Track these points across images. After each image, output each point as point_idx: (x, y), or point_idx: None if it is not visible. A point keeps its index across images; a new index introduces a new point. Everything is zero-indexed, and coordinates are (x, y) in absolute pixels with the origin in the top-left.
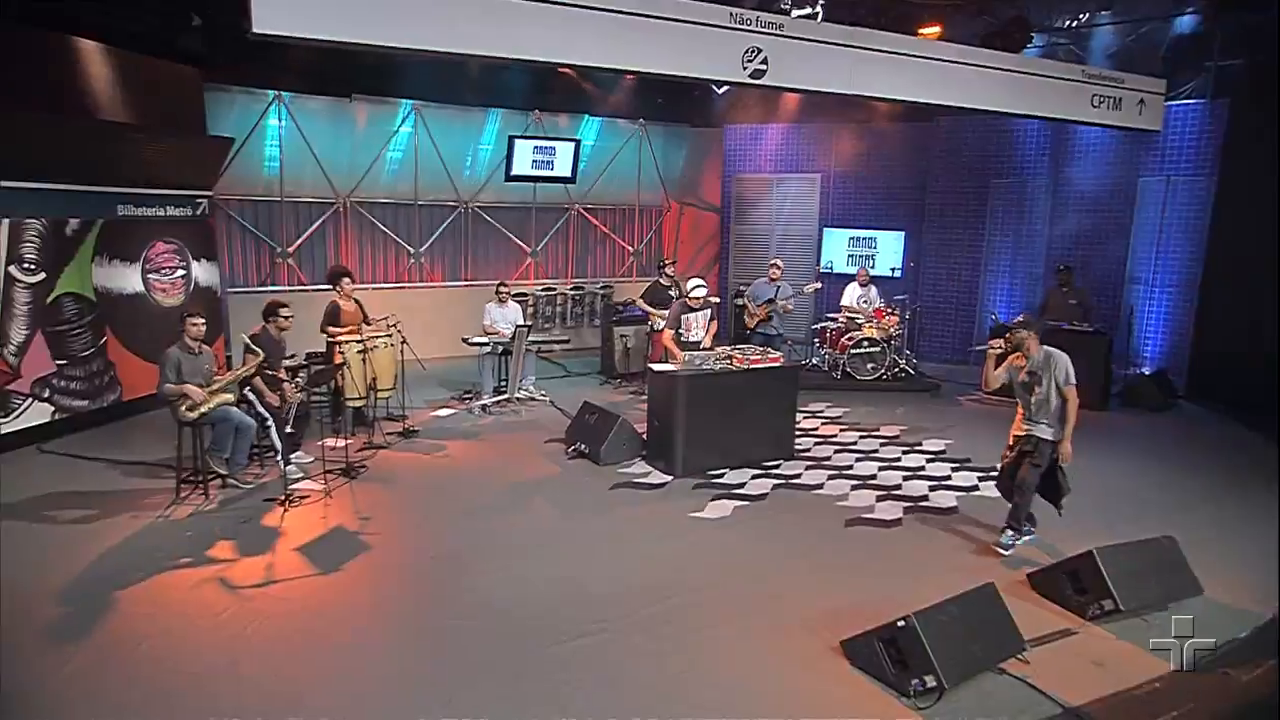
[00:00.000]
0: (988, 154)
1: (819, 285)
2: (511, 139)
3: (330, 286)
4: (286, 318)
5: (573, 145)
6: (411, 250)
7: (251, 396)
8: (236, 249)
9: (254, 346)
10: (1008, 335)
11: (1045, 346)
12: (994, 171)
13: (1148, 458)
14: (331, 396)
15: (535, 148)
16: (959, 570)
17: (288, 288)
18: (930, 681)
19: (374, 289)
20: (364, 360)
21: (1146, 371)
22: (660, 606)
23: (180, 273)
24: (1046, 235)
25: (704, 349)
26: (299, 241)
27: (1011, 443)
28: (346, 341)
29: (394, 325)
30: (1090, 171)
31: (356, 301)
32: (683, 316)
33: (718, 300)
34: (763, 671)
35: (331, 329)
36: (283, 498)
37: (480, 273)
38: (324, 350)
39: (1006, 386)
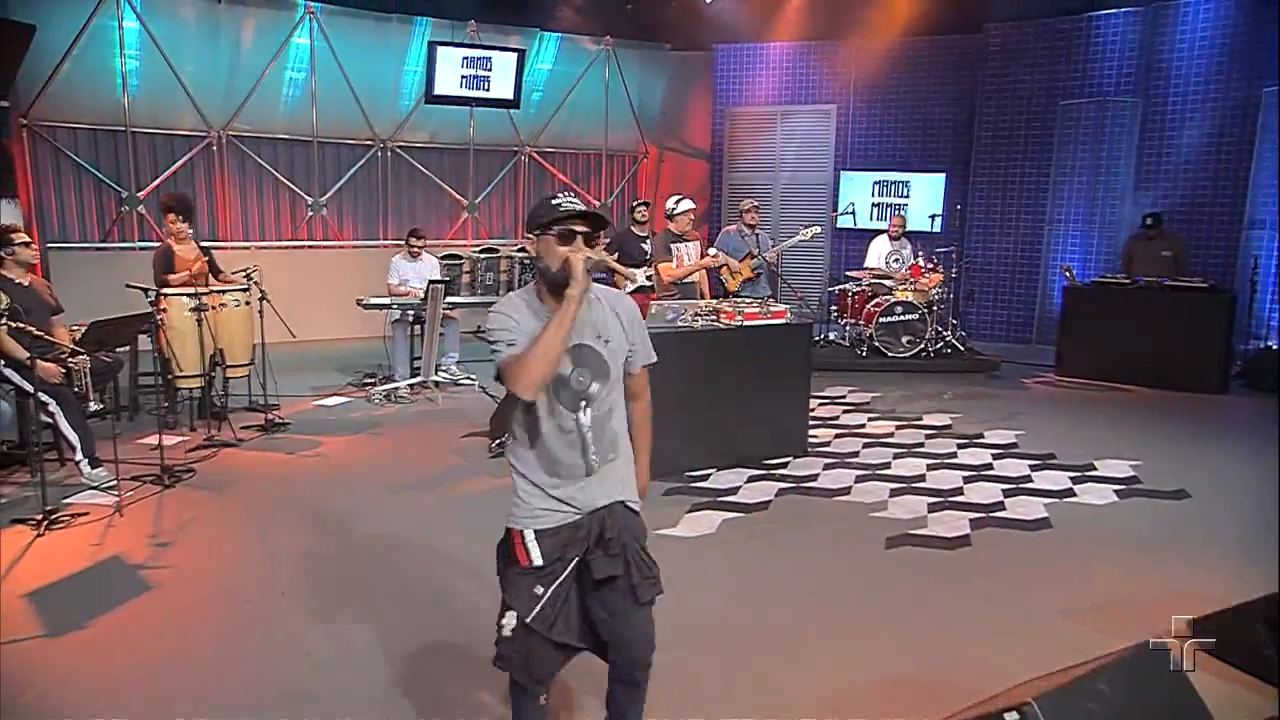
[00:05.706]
0: (1055, 69)
1: (819, 229)
2: (433, 46)
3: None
4: (27, 245)
5: (514, 57)
6: (310, 199)
7: (9, 372)
8: (70, 190)
9: None
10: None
11: (603, 286)
12: (1063, 91)
13: None
14: (162, 376)
15: (465, 59)
16: (1072, 616)
17: (139, 244)
18: None
19: (259, 249)
20: (200, 324)
21: (1275, 344)
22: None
23: None
24: (1134, 170)
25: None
26: (155, 183)
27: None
28: (173, 295)
29: (249, 275)
30: (1194, 81)
31: (202, 248)
32: (672, 246)
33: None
34: None
35: (172, 278)
36: (40, 516)
37: (404, 230)
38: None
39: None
